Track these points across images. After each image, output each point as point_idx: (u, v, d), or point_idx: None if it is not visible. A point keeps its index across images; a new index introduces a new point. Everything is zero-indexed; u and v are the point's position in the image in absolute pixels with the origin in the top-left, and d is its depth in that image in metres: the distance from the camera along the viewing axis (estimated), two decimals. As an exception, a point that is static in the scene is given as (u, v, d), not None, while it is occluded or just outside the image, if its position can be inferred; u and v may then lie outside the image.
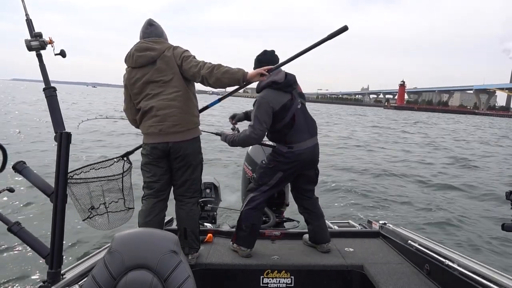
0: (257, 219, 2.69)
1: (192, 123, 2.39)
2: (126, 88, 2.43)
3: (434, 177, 10.57)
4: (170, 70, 2.32)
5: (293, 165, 2.61)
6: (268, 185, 2.65)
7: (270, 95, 2.53)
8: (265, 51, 2.67)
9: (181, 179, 2.43)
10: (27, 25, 1.85)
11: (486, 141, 24.42)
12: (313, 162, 2.71)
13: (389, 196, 8.01)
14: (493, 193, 8.68)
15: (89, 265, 1.96)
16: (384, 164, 12.40)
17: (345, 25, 2.34)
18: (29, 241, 1.80)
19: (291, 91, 2.59)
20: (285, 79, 2.56)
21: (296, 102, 2.61)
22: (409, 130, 31.09)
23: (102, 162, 2.58)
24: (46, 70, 1.88)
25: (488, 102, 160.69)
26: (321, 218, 2.80)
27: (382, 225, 3.06)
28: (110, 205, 2.48)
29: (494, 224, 6.48)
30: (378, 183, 9.27)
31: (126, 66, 2.42)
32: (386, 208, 7.17)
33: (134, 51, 2.34)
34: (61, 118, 1.88)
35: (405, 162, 13.20)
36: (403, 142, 20.41)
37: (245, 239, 2.63)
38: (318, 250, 2.72)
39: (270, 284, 2.47)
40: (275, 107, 2.51)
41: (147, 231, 1.53)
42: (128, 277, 1.31)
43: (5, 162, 1.79)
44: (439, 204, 7.68)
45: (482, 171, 12.36)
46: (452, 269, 2.06)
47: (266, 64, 2.53)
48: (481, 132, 37.00)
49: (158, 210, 2.44)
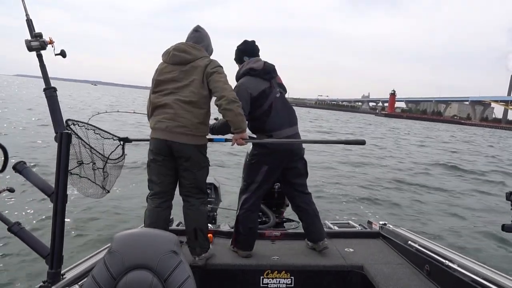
0: (253, 221, 2.68)
1: (200, 130, 2.40)
2: (153, 81, 2.49)
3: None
4: (195, 76, 2.37)
5: (276, 156, 2.58)
6: (256, 182, 2.64)
7: (248, 81, 2.57)
8: (246, 41, 2.75)
9: (187, 179, 2.44)
10: (27, 25, 1.84)
11: (424, 145, 25.10)
12: (295, 152, 2.66)
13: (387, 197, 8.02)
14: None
15: (89, 265, 1.96)
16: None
17: (363, 140, 2.47)
18: (29, 241, 1.80)
19: (269, 79, 2.61)
20: (263, 67, 2.59)
21: (275, 90, 2.63)
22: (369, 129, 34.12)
23: (105, 132, 2.57)
24: (46, 71, 1.88)
25: (483, 113, 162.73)
26: (314, 216, 2.74)
27: (382, 225, 3.06)
28: (95, 171, 2.44)
29: (494, 224, 6.49)
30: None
31: (161, 61, 2.49)
32: (386, 208, 7.17)
33: (173, 49, 2.43)
34: (62, 118, 1.88)
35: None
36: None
37: (244, 242, 2.63)
38: (316, 249, 2.70)
39: (270, 285, 2.47)
40: (253, 93, 2.53)
41: (147, 231, 1.53)
42: (128, 277, 1.32)
43: (6, 162, 1.79)
44: (437, 204, 7.68)
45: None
46: (452, 269, 2.06)
47: (248, 54, 2.67)
48: (447, 137, 37.85)
49: (163, 210, 2.45)
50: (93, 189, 2.45)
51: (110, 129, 2.79)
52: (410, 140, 28.17)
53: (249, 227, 2.64)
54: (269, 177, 2.66)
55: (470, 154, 21.02)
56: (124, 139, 2.68)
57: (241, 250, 2.62)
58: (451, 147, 24.65)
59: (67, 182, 1.88)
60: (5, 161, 1.79)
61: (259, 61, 2.64)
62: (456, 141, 33.28)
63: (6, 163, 1.79)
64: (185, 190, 2.48)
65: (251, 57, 2.72)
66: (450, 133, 50.17)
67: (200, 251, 2.45)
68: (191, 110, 2.34)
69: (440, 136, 39.07)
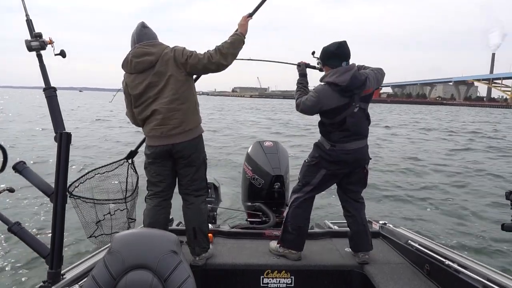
0: (303, 220, 2.60)
1: (193, 122, 2.38)
2: (127, 95, 2.41)
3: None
4: (169, 71, 2.29)
5: (336, 165, 2.50)
6: (311, 185, 2.56)
7: (325, 94, 2.39)
8: (341, 44, 2.42)
9: (187, 178, 2.44)
10: (27, 25, 1.85)
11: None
12: (359, 162, 2.54)
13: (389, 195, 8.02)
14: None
15: (89, 265, 1.96)
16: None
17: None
18: (29, 241, 1.80)
19: (351, 95, 2.39)
20: (347, 83, 2.34)
21: (353, 106, 2.42)
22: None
23: (109, 164, 2.62)
24: (46, 71, 1.88)
25: (467, 93, 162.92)
26: (361, 225, 2.61)
27: (382, 225, 3.06)
28: (114, 216, 2.55)
29: (494, 223, 6.48)
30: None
31: (124, 72, 2.38)
32: (386, 208, 7.17)
33: (132, 57, 2.30)
34: (61, 118, 1.88)
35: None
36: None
37: (293, 241, 2.56)
38: (357, 261, 2.55)
39: (270, 284, 2.47)
40: (324, 107, 2.40)
41: (147, 231, 1.53)
42: (128, 277, 1.32)
43: (5, 162, 1.79)
44: (437, 204, 7.68)
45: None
46: (452, 269, 2.06)
47: (343, 58, 2.40)
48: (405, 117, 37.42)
49: (163, 209, 2.45)
50: (120, 227, 2.55)
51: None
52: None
53: (298, 226, 2.57)
54: (325, 182, 2.57)
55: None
56: (129, 155, 2.70)
57: (291, 250, 2.55)
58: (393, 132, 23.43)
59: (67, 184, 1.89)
60: (4, 161, 1.79)
61: (348, 71, 2.36)
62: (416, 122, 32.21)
63: (5, 163, 1.79)
64: (184, 188, 2.47)
65: (346, 61, 2.40)
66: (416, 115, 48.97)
67: (200, 251, 2.44)
68: (178, 108, 2.31)
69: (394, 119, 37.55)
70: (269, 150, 3.81)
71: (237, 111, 43.62)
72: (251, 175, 3.73)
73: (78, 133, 15.17)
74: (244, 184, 3.90)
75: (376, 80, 2.50)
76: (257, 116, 35.30)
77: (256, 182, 3.67)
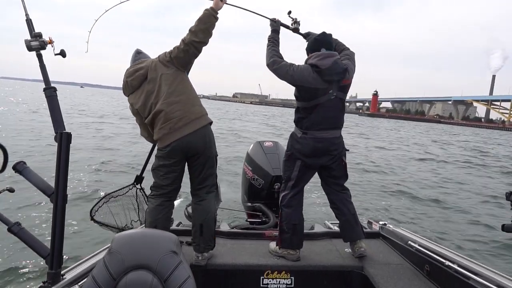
0: (296, 218, 2.60)
1: (196, 112, 2.41)
2: (136, 114, 2.53)
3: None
4: (159, 73, 2.39)
5: (309, 157, 2.53)
6: (292, 179, 2.60)
7: (306, 70, 2.43)
8: (324, 33, 2.56)
9: (200, 175, 2.47)
10: (27, 25, 1.84)
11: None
12: (329, 154, 2.55)
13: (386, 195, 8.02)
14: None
15: (89, 265, 1.96)
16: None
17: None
18: (29, 242, 1.80)
19: (330, 81, 2.43)
20: (328, 67, 2.39)
21: (330, 94, 2.46)
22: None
23: (118, 190, 2.94)
24: (46, 70, 1.87)
25: (465, 113, 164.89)
26: (348, 214, 2.63)
27: (382, 225, 3.06)
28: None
29: (494, 224, 6.49)
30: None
31: (126, 95, 2.52)
32: (386, 208, 7.17)
33: (126, 78, 2.45)
34: (61, 118, 1.88)
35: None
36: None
37: (290, 240, 2.56)
38: (353, 254, 2.59)
39: (270, 285, 2.46)
40: (299, 81, 2.43)
41: (147, 232, 1.53)
42: (128, 277, 1.31)
43: (5, 162, 1.78)
44: (438, 203, 7.68)
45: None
46: (452, 269, 2.06)
47: (325, 46, 2.48)
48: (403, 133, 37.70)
49: (165, 208, 2.45)
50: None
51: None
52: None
53: (293, 224, 2.58)
54: (304, 173, 2.60)
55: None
56: (136, 180, 2.77)
57: (289, 251, 2.55)
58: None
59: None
60: (5, 161, 1.78)
61: (330, 57, 2.42)
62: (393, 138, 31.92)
63: (6, 163, 1.79)
64: (197, 186, 2.50)
65: (328, 49, 2.49)
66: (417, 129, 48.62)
67: (204, 248, 2.43)
68: (177, 100, 2.36)
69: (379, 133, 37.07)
70: (269, 150, 3.81)
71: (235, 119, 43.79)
72: (251, 175, 3.73)
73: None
74: (244, 185, 3.90)
75: (353, 72, 2.60)
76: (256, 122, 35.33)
77: (256, 183, 3.68)
